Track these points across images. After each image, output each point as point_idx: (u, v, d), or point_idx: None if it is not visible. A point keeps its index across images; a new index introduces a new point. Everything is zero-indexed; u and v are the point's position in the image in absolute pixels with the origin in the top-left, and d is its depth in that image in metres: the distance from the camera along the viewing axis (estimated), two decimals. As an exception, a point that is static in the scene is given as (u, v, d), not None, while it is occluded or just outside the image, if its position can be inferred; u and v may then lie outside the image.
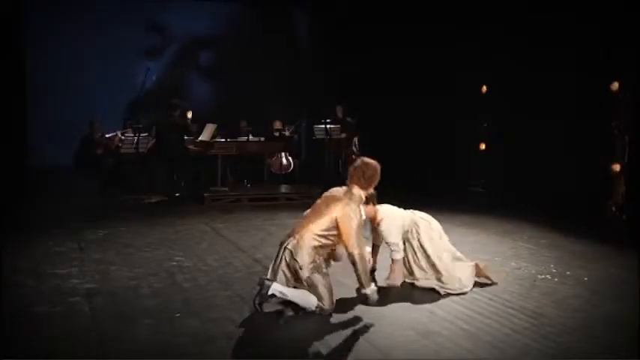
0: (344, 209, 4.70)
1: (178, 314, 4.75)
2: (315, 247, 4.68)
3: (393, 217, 5.47)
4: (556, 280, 5.75)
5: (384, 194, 6.17)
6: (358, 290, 4.95)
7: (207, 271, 5.98)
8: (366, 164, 4.92)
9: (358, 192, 4.86)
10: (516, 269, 6.11)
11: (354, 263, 4.69)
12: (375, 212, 5.44)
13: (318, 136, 12.03)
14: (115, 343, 4.21)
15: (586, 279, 5.78)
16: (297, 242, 4.70)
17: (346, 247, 4.69)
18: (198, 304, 5.00)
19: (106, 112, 11.81)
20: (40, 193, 10.55)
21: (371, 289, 4.74)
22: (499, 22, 10.14)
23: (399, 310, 4.95)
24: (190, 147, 11.03)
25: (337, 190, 4.97)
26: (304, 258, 4.64)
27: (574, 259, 6.48)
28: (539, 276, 5.85)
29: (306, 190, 10.79)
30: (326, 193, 5.00)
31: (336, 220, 4.68)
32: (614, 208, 8.27)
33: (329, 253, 4.86)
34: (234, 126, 12.13)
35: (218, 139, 10.91)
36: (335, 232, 4.69)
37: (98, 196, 10.43)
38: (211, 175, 10.96)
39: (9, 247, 6.62)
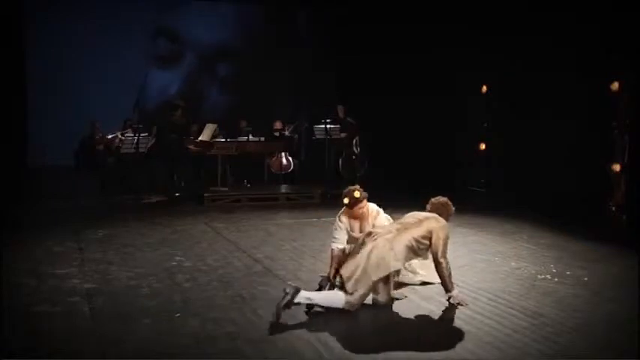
0: (438, 223, 5.09)
1: (178, 314, 4.74)
2: (408, 248, 4.96)
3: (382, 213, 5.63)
4: (556, 280, 5.75)
5: (384, 193, 6.18)
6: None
7: (207, 271, 5.98)
8: (450, 205, 5.36)
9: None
10: (516, 269, 6.11)
11: (440, 270, 4.99)
12: (369, 210, 5.47)
13: (318, 136, 12.03)
14: (115, 343, 4.21)
15: (586, 279, 5.78)
16: (395, 237, 4.96)
17: (435, 255, 5.00)
18: (198, 304, 5.00)
19: (106, 112, 11.82)
20: (40, 193, 10.54)
21: (455, 292, 5.03)
22: (499, 22, 10.13)
23: (400, 310, 4.95)
24: (190, 147, 11.02)
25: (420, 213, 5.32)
26: (401, 251, 4.92)
27: (574, 259, 6.47)
28: (539, 276, 5.85)
29: (306, 190, 10.80)
30: (412, 214, 5.31)
31: (430, 231, 5.02)
32: (614, 208, 8.27)
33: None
34: (234, 126, 12.14)
35: (218, 139, 10.90)
36: (427, 243, 5.02)
37: (98, 196, 10.43)
38: (211, 175, 10.96)
39: (9, 247, 6.63)
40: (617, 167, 8.28)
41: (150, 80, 13.74)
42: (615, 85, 8.28)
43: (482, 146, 10.85)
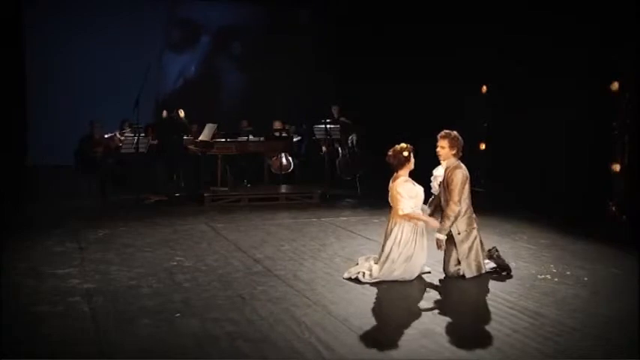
0: None
1: (178, 314, 4.75)
2: None
3: None
4: (556, 280, 5.75)
5: (384, 193, 6.18)
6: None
7: (207, 271, 5.98)
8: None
9: None
10: (516, 269, 6.10)
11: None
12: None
13: (318, 136, 12.02)
14: (115, 343, 4.21)
15: (586, 279, 5.78)
16: None
17: None
18: (198, 304, 5.00)
19: (106, 112, 11.82)
20: (40, 193, 10.54)
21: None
22: (499, 22, 10.13)
23: (400, 309, 4.95)
24: (190, 147, 11.01)
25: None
26: None
27: (574, 259, 6.48)
28: (539, 276, 5.85)
29: (306, 190, 10.79)
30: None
31: None
32: (614, 208, 8.27)
33: None
34: (235, 126, 12.13)
35: (218, 139, 10.90)
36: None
37: (98, 196, 10.43)
38: (211, 175, 10.95)
39: (9, 247, 6.63)
40: (617, 167, 8.28)
41: (166, 64, 14.13)
42: (615, 85, 8.27)
43: (482, 146, 10.84)
